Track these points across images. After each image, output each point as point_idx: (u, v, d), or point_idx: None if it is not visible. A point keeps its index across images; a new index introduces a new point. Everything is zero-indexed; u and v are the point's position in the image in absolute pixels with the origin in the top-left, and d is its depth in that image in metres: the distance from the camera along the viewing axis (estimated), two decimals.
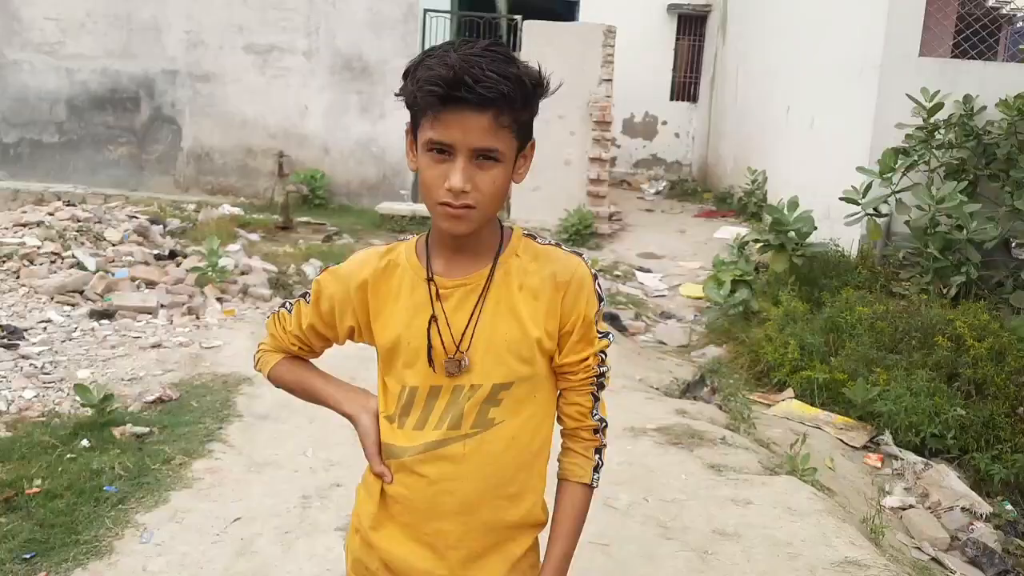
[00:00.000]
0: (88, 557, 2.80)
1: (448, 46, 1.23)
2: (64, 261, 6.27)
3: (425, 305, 1.34)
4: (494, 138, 1.22)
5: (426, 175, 1.25)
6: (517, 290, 1.34)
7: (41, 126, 10.85)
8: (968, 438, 4.47)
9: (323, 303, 1.43)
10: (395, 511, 1.38)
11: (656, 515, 3.40)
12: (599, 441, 1.43)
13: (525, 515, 1.40)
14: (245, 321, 5.74)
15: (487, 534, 1.37)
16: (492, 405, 1.33)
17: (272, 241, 8.45)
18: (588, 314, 1.36)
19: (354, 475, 3.55)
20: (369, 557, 1.42)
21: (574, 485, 1.41)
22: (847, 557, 3.13)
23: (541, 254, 1.37)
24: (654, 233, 10.66)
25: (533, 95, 1.25)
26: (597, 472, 1.42)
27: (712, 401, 5.00)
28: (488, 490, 1.35)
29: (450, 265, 1.34)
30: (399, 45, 10.74)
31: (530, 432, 1.37)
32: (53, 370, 4.47)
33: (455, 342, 1.32)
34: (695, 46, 15.65)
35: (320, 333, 1.47)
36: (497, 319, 1.33)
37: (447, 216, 1.25)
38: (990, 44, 6.81)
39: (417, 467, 1.35)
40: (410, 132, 1.30)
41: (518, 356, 1.33)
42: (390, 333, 1.36)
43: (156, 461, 3.48)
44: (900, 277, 6.13)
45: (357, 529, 1.45)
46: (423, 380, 1.34)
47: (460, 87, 1.17)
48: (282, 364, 1.53)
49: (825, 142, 8.21)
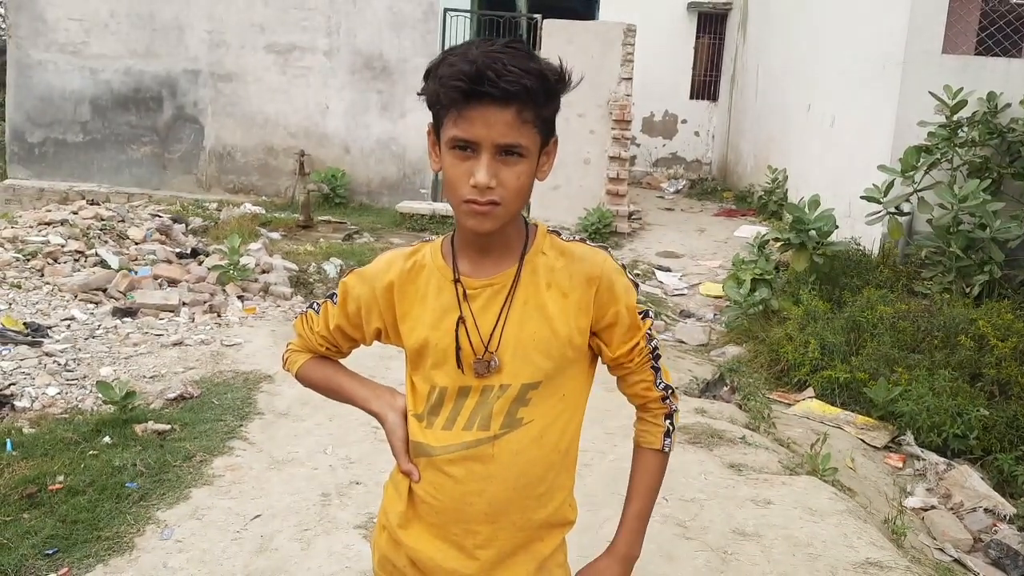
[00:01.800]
0: (109, 553, 2.83)
1: (469, 44, 1.23)
2: (88, 259, 6.35)
3: (452, 306, 1.34)
4: (518, 133, 1.22)
5: (450, 173, 1.24)
6: (545, 288, 1.33)
7: (65, 126, 10.98)
8: (991, 438, 4.42)
9: (350, 304, 1.44)
10: (422, 510, 1.39)
11: (675, 515, 3.39)
12: (668, 408, 1.46)
13: (553, 514, 1.40)
14: (266, 319, 5.78)
15: (515, 534, 1.37)
16: (521, 405, 1.34)
17: (293, 239, 8.50)
18: (629, 303, 1.38)
19: (373, 473, 3.58)
20: (396, 554, 1.42)
21: (646, 451, 1.47)
22: (868, 558, 3.10)
23: (567, 250, 1.36)
24: (674, 232, 10.61)
25: (555, 90, 1.25)
26: (668, 437, 1.46)
27: (732, 400, 4.97)
28: (517, 490, 1.35)
29: (476, 265, 1.34)
30: (419, 44, 10.76)
31: (558, 431, 1.37)
32: (76, 367, 4.53)
33: (484, 343, 1.32)
34: (715, 44, 15.56)
35: (347, 334, 1.48)
36: (525, 318, 1.33)
37: (473, 213, 1.24)
38: (1015, 41, 6.71)
39: (446, 467, 1.35)
40: (432, 132, 1.30)
41: (547, 355, 1.33)
42: (418, 335, 1.36)
43: (177, 458, 3.51)
44: (922, 276, 6.07)
45: (384, 526, 1.45)
46: (452, 381, 1.34)
47: (483, 82, 1.17)
48: (310, 364, 1.54)
49: (846, 140, 8.13)
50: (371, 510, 3.25)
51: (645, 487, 1.46)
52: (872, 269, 6.36)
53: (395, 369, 1.59)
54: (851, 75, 8.10)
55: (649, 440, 1.46)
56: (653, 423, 1.46)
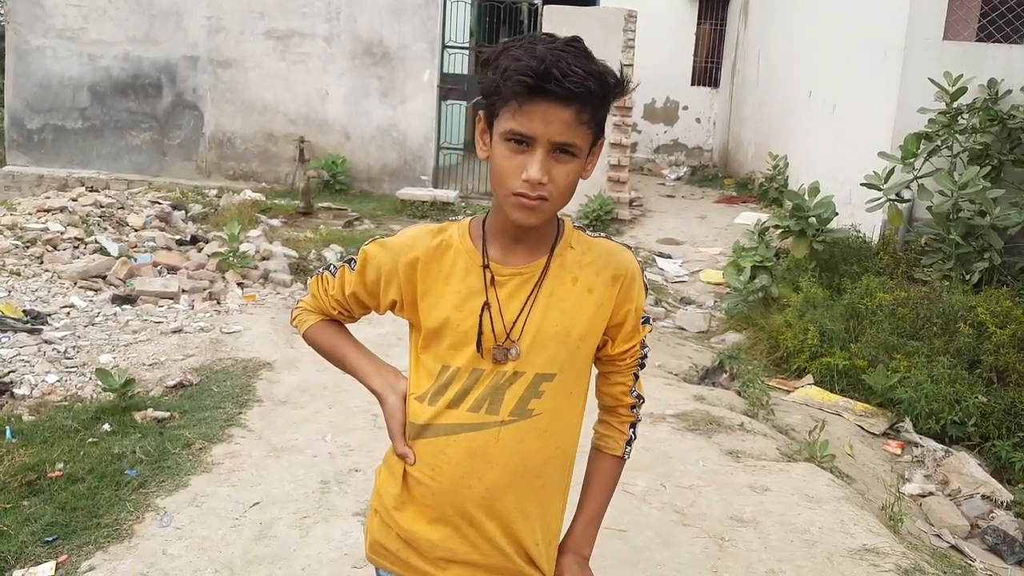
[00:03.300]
0: (109, 540, 2.85)
1: (532, 38, 1.24)
2: (87, 246, 6.35)
3: (479, 290, 1.35)
4: (574, 132, 1.23)
5: (502, 164, 1.25)
6: (571, 283, 1.36)
7: (64, 112, 10.95)
8: (989, 425, 4.43)
9: (369, 273, 1.43)
10: (418, 492, 1.39)
11: (673, 501, 3.40)
12: (635, 416, 1.49)
13: (545, 515, 1.42)
14: (266, 306, 5.78)
15: (511, 522, 1.38)
16: (533, 395, 1.35)
17: (293, 227, 8.49)
18: (640, 305, 1.42)
19: (373, 460, 3.59)
20: (388, 537, 1.43)
21: (607, 456, 1.50)
22: (865, 545, 3.12)
23: (593, 247, 1.39)
24: (675, 219, 10.60)
25: (613, 93, 1.26)
26: (629, 446, 1.50)
27: (731, 387, 4.98)
28: (516, 479, 1.36)
29: (507, 253, 1.36)
30: (420, 30, 10.71)
31: (562, 427, 1.40)
32: (75, 355, 4.54)
33: (506, 330, 1.33)
34: (716, 31, 15.48)
35: (361, 301, 1.48)
36: (549, 310, 1.35)
37: (521, 206, 1.26)
38: (1016, 27, 6.67)
39: (447, 448, 1.36)
40: (483, 120, 1.30)
41: (565, 347, 1.36)
42: (438, 313, 1.36)
43: (176, 445, 3.52)
44: (922, 263, 6.06)
45: (377, 510, 1.47)
46: (467, 362, 1.35)
47: (549, 79, 1.19)
48: (319, 326, 1.55)
49: (847, 127, 8.11)
50: (370, 497, 3.26)
51: (602, 490, 1.49)
52: (872, 256, 6.36)
53: (394, 357, 1.57)
54: (852, 62, 8.06)
55: (611, 445, 1.49)
56: (618, 429, 1.49)
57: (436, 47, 10.73)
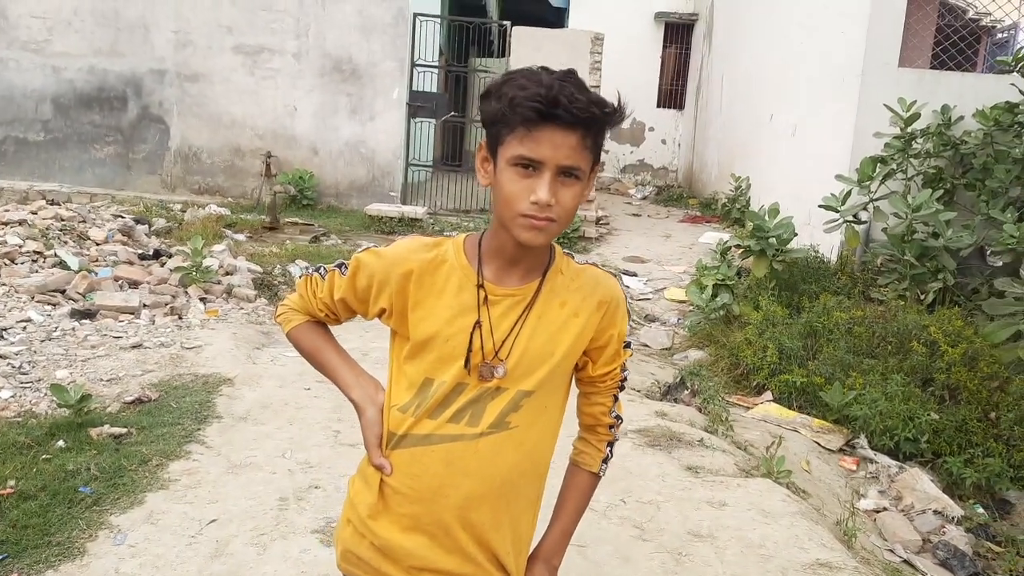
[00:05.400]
0: (60, 559, 2.80)
1: (533, 71, 1.31)
2: (46, 260, 6.25)
3: (471, 308, 1.39)
4: (578, 156, 1.29)
5: (509, 188, 1.30)
6: (559, 307, 1.42)
7: (27, 124, 10.80)
8: (941, 442, 4.53)
9: (360, 280, 1.46)
10: (394, 502, 1.42)
11: (633, 516, 3.43)
12: (612, 436, 1.56)
13: (515, 525, 1.47)
14: (228, 321, 5.74)
15: (485, 532, 1.43)
16: (512, 410, 1.41)
17: (259, 241, 8.44)
18: (623, 330, 1.49)
19: (333, 477, 3.58)
20: (362, 546, 1.46)
21: (583, 472, 1.56)
22: (818, 559, 3.17)
23: (581, 273, 1.46)
24: (640, 237, 10.71)
25: (613, 120, 1.33)
26: (606, 463, 1.56)
27: (692, 404, 5.04)
28: (492, 490, 1.41)
29: (501, 274, 1.41)
30: (389, 48, 10.75)
31: (535, 440, 1.44)
32: (31, 370, 4.46)
33: (495, 349, 1.38)
34: (681, 54, 15.74)
35: (349, 306, 1.52)
36: (537, 332, 1.40)
37: (529, 227, 1.30)
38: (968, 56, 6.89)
39: (424, 457, 1.40)
40: (485, 148, 1.36)
41: (548, 368, 1.41)
42: (428, 327, 1.40)
43: (133, 462, 3.48)
44: (878, 283, 6.20)
45: (350, 520, 1.49)
46: (452, 377, 1.39)
47: (558, 106, 1.25)
48: (304, 327, 1.57)
49: (807, 150, 8.28)
50: (329, 514, 3.25)
51: (575, 504, 1.56)
52: (830, 276, 6.49)
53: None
54: (812, 86, 8.25)
55: (588, 462, 1.56)
56: (596, 447, 1.56)
57: (405, 65, 10.78)
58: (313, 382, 4.68)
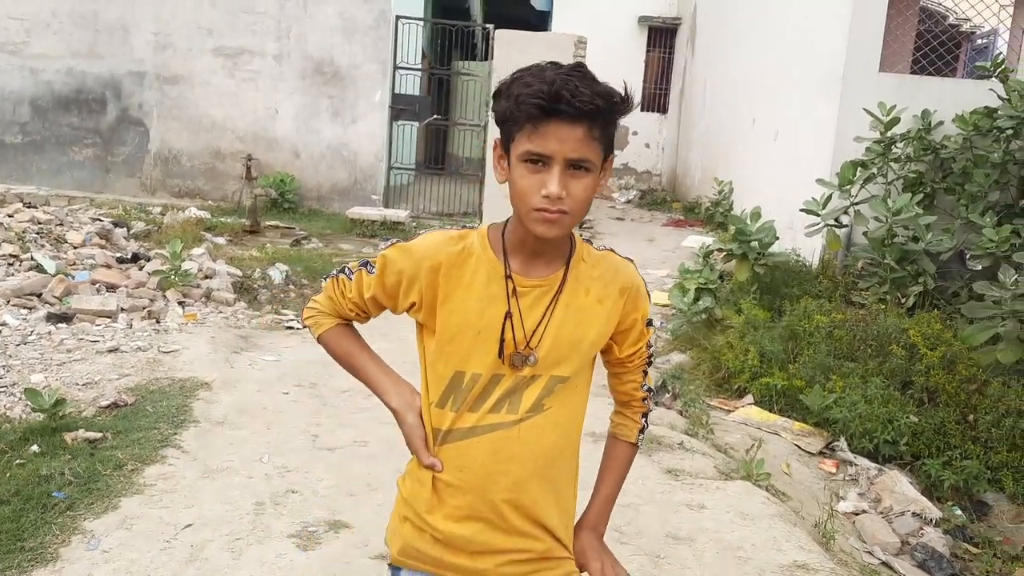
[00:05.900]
0: (33, 564, 2.75)
1: (540, 67, 1.34)
2: (22, 263, 6.17)
3: (501, 299, 1.43)
4: (586, 148, 1.32)
5: (522, 184, 1.34)
6: (584, 294, 1.47)
7: (4, 126, 10.68)
8: (920, 444, 4.55)
9: (389, 277, 1.49)
10: (447, 494, 1.47)
11: (612, 519, 3.39)
12: (647, 407, 1.64)
13: (560, 499, 1.51)
14: (207, 325, 5.69)
15: (537, 508, 1.48)
16: (547, 395, 1.46)
17: (239, 245, 8.38)
18: (645, 312, 1.55)
19: (310, 482, 3.55)
20: (422, 540, 1.50)
21: (622, 443, 1.64)
22: (796, 561, 3.17)
23: (602, 259, 1.51)
24: (624, 241, 10.71)
25: (620, 110, 1.36)
26: (642, 433, 1.64)
27: (673, 407, 5.04)
28: (537, 471, 1.46)
29: (527, 266, 1.45)
30: (371, 51, 10.73)
31: (568, 420, 1.50)
32: (5, 374, 4.40)
33: (526, 338, 1.43)
34: (665, 58, 15.80)
35: (379, 303, 1.55)
36: (566, 320, 1.45)
37: (543, 220, 1.34)
38: (948, 61, 6.95)
39: (471, 450, 1.45)
40: (499, 146, 1.40)
41: (578, 354, 1.47)
42: (458, 319, 1.44)
43: (108, 467, 3.43)
44: (859, 287, 6.22)
45: (406, 517, 1.52)
46: (487, 368, 1.43)
47: (560, 100, 1.28)
48: (336, 331, 1.60)
49: (789, 154, 8.32)
50: (306, 519, 3.22)
51: (617, 473, 1.64)
52: (811, 279, 6.51)
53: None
54: (794, 91, 8.29)
55: (626, 433, 1.64)
56: (632, 419, 1.63)
57: (388, 68, 10.76)
58: (292, 386, 4.65)
